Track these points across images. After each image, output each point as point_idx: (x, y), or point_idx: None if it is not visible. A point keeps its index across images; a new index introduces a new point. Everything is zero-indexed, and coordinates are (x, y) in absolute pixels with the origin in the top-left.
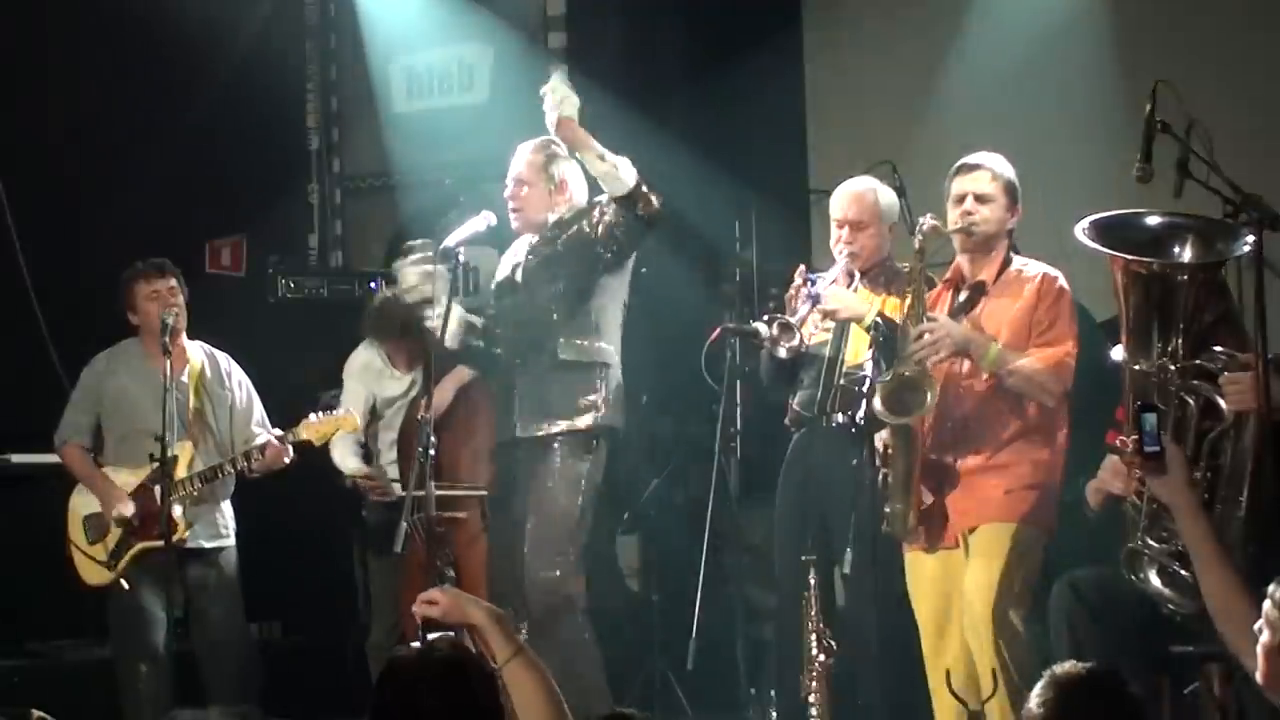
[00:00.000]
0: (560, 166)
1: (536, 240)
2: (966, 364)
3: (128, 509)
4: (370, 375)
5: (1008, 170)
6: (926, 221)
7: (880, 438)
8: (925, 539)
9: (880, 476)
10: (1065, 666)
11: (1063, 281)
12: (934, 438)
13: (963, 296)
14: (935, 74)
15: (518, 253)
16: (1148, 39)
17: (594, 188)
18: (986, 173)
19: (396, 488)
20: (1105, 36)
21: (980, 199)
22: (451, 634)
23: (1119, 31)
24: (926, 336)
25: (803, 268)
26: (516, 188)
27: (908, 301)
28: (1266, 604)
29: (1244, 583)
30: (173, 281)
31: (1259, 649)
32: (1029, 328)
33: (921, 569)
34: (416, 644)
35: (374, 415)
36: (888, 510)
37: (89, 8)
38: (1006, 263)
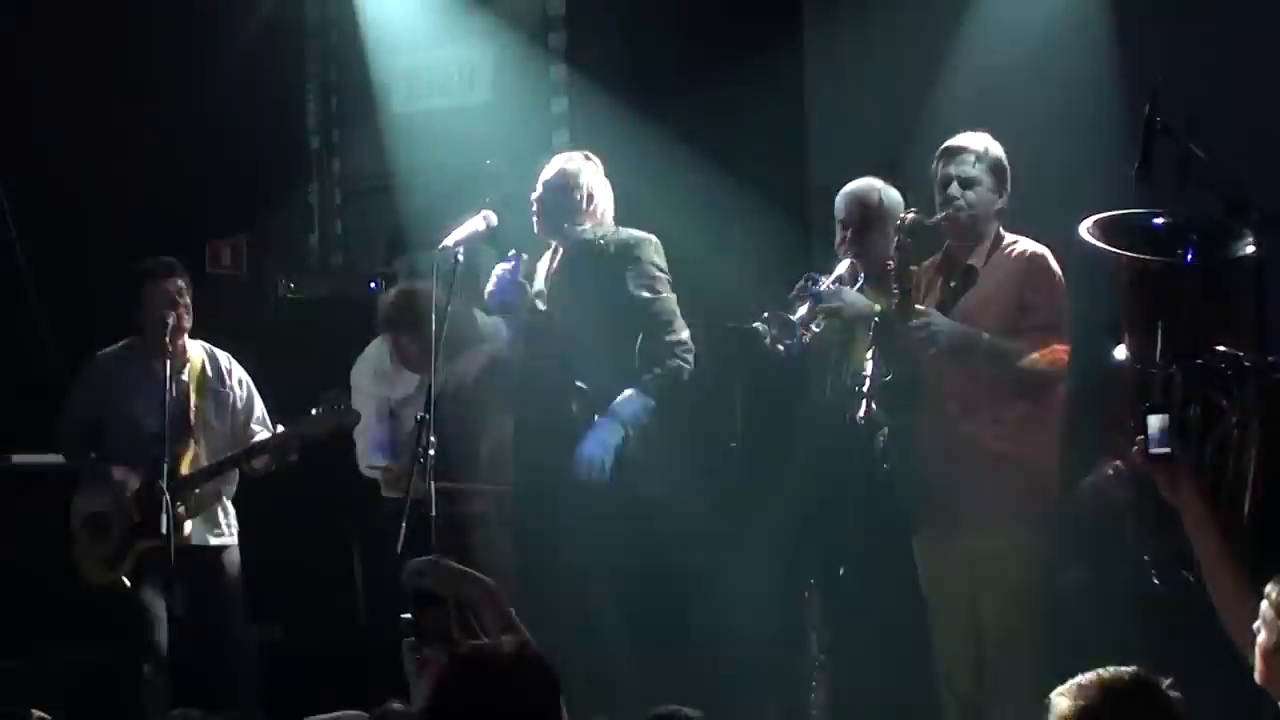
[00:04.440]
0: (589, 179)
1: (562, 263)
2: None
3: (134, 482)
4: (381, 378)
5: (995, 149)
6: (907, 216)
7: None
8: (936, 526)
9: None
10: (1113, 669)
11: (1051, 260)
12: (941, 418)
13: (954, 283)
14: (935, 74)
15: (547, 268)
16: (1148, 39)
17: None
18: (970, 155)
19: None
20: (1105, 36)
21: (965, 183)
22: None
23: (1119, 31)
24: (917, 334)
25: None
26: (542, 192)
27: (895, 298)
28: (1263, 604)
29: (1249, 583)
30: (181, 282)
31: (1256, 649)
32: (1019, 307)
33: (934, 556)
34: (407, 615)
35: (392, 417)
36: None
37: (89, 7)
38: (997, 244)
